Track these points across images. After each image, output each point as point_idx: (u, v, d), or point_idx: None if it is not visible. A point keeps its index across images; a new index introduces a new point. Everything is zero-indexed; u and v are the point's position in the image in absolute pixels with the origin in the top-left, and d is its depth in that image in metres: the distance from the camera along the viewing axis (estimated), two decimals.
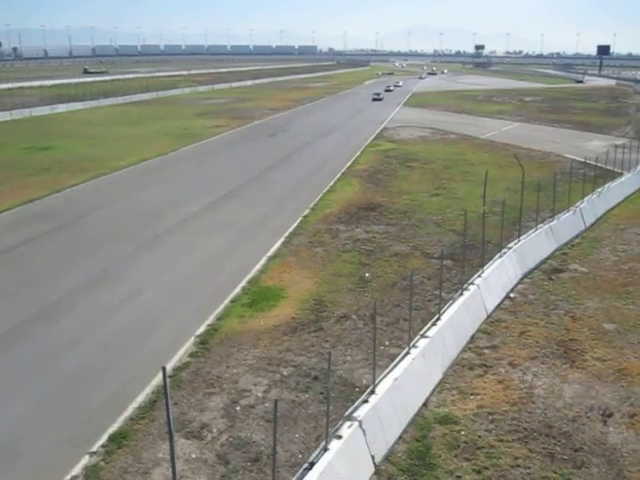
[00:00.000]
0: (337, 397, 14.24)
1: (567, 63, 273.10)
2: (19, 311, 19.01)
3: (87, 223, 28.91)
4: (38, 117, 70.77)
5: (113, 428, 13.45)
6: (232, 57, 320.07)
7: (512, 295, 21.08)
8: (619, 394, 15.18)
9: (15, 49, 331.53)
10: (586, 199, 29.92)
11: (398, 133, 60.07)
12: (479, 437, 13.40)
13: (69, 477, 11.98)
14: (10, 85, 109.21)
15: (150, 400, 14.47)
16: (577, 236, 27.53)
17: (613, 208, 32.41)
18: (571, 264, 24.32)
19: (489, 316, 19.26)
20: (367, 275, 22.40)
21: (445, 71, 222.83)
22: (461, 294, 18.49)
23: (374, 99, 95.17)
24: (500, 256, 21.76)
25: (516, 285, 21.83)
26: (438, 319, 16.74)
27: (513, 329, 18.54)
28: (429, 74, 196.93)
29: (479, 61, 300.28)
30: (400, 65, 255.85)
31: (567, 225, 27.20)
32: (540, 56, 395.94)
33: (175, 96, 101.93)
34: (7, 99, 74.16)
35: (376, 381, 13.37)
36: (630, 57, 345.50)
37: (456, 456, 12.80)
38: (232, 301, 20.19)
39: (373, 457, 12.30)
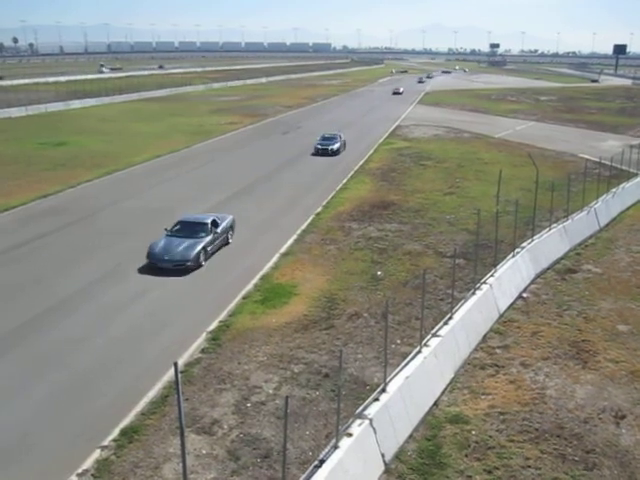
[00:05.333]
0: (348, 395, 14.22)
1: (583, 62, 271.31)
2: (27, 308, 19.06)
3: (101, 219, 29.08)
4: (53, 113, 71.26)
5: (124, 423, 13.52)
6: (246, 54, 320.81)
7: (525, 295, 20.98)
8: (632, 396, 15.06)
9: (31, 45, 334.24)
10: (601, 199, 29.72)
11: (412, 131, 59.92)
12: (490, 437, 13.34)
13: (80, 471, 12.06)
14: (26, 81, 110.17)
15: (162, 395, 14.53)
16: (591, 236, 27.34)
17: (628, 209, 32.17)
18: (585, 264, 24.16)
19: (501, 316, 19.18)
20: (379, 273, 22.37)
21: (457, 68, 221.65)
22: (473, 293, 18.41)
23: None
24: (513, 256, 21.65)
25: (529, 285, 21.71)
26: (450, 318, 16.68)
27: (525, 329, 18.44)
28: (443, 72, 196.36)
29: (494, 60, 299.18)
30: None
31: (581, 225, 27.02)
32: (555, 55, 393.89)
33: (189, 93, 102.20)
34: (23, 95, 74.69)
35: (387, 379, 13.34)
36: None
37: (467, 456, 12.75)
38: (244, 297, 20.22)
39: (383, 455, 12.28)
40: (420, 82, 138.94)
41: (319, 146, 46.37)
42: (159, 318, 18.58)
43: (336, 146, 46.40)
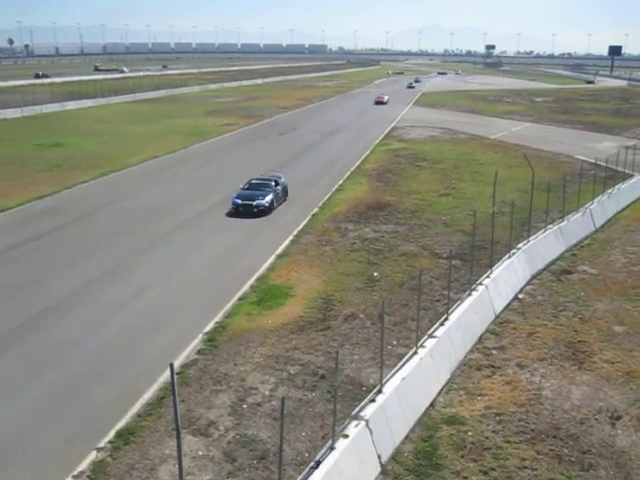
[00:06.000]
0: (344, 396, 14.22)
1: (578, 63, 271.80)
2: (26, 307, 19.04)
3: (97, 219, 29.03)
4: (49, 114, 71.18)
5: (120, 424, 13.49)
6: (242, 55, 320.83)
7: (521, 296, 21.00)
8: (628, 397, 15.09)
9: (27, 46, 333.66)
10: (596, 200, 29.78)
11: (408, 132, 59.98)
12: (486, 438, 13.35)
13: (76, 472, 12.02)
14: (22, 82, 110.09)
15: (157, 397, 14.50)
16: (587, 237, 27.40)
17: (623, 210, 32.26)
18: (580, 265, 24.20)
19: (497, 317, 19.19)
20: (375, 274, 22.37)
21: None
22: (469, 294, 18.43)
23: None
24: (509, 257, 21.68)
25: (525, 286, 21.74)
26: (446, 319, 16.69)
27: (521, 330, 18.47)
28: (439, 73, 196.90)
29: (490, 61, 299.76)
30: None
31: (577, 226, 27.07)
32: (551, 56, 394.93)
33: (185, 94, 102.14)
34: (18, 96, 74.57)
35: (383, 380, 13.34)
36: None
37: (463, 457, 12.76)
38: (240, 299, 20.20)
39: (379, 456, 12.28)
40: (410, 87, 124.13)
41: (238, 201, 29.28)
42: None
43: (267, 199, 29.69)
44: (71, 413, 13.92)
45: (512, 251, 22.07)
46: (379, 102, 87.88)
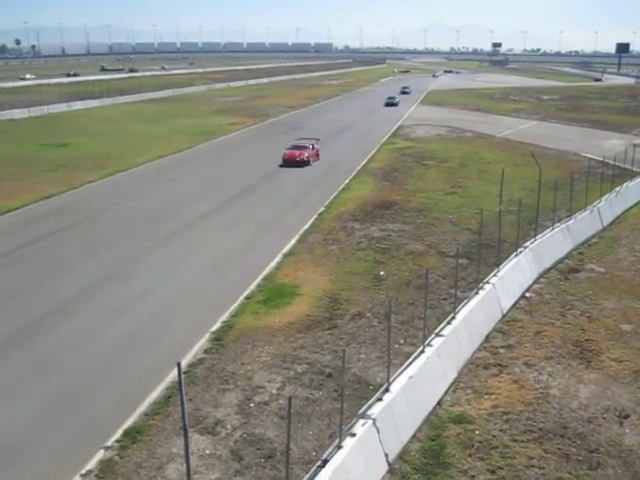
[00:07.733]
0: (351, 395, 14.21)
1: (585, 61, 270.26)
2: (29, 309, 19.10)
3: (103, 220, 29.10)
4: (55, 114, 71.36)
5: (128, 423, 13.53)
6: (248, 54, 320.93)
7: (528, 294, 20.95)
8: (636, 395, 15.03)
9: (33, 46, 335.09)
10: (604, 198, 29.65)
11: (414, 131, 59.85)
12: (493, 437, 13.32)
13: (84, 471, 12.07)
14: (28, 82, 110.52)
15: (165, 396, 14.54)
16: (594, 236, 27.29)
17: (631, 208, 32.11)
18: (588, 264, 24.11)
19: (504, 315, 19.15)
20: (382, 273, 22.35)
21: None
22: (476, 293, 18.39)
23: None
24: (516, 255, 21.62)
25: (532, 284, 21.68)
26: (453, 318, 16.66)
27: (529, 329, 18.42)
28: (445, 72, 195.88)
29: (496, 59, 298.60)
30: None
31: (584, 224, 26.97)
32: (558, 54, 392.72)
33: (191, 93, 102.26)
34: (25, 96, 74.80)
35: (390, 379, 13.33)
36: None
37: (470, 455, 12.74)
38: (247, 298, 20.21)
39: (387, 455, 12.27)
40: (390, 104, 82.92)
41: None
42: None
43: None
44: (76, 414, 13.98)
45: (519, 250, 22.01)
46: (290, 159, 41.40)
